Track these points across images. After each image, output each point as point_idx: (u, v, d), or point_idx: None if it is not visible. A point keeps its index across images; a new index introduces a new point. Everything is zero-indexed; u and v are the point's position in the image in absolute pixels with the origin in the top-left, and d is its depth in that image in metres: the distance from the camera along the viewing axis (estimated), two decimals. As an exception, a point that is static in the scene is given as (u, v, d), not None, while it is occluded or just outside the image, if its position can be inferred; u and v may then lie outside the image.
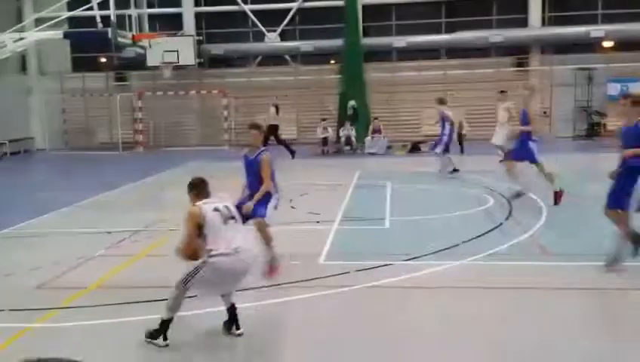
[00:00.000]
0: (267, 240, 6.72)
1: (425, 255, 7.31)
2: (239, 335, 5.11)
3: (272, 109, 19.30)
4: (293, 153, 18.47)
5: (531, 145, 10.26)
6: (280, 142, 18.97)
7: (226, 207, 5.10)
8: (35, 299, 6.20)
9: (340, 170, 15.95)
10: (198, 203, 5.02)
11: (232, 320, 5.15)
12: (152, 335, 4.97)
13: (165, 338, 4.95)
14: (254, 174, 6.86)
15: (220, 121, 24.26)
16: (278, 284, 6.37)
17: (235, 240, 4.95)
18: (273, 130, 18.48)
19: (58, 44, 23.01)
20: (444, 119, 14.28)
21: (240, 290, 5.77)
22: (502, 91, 15.52)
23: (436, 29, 24.58)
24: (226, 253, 4.87)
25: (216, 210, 4.98)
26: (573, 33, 23.17)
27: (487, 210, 10.01)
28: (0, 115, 21.64)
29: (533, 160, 10.35)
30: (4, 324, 5.55)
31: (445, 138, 14.11)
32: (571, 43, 23.61)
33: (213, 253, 4.88)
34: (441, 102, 14.65)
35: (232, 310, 5.15)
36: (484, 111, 22.95)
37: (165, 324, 4.95)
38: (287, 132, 21.94)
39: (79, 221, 10.24)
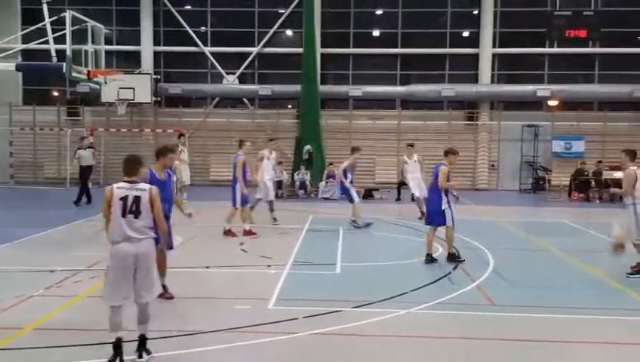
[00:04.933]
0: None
1: (374, 302, 7.31)
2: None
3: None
4: None
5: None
6: None
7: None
8: (-35, 340, 5.87)
9: (294, 214, 15.93)
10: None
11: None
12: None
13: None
14: None
15: (175, 159, 24.00)
16: (225, 329, 6.24)
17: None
18: None
19: (9, 75, 22.58)
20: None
21: (185, 334, 5.63)
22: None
23: (392, 81, 25.30)
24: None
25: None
26: (520, 91, 24.26)
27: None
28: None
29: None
30: None
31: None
32: (519, 100, 24.66)
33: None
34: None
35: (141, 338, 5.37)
36: (436, 162, 23.51)
37: (113, 347, 5.19)
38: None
39: (20, 258, 9.84)
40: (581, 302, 7.65)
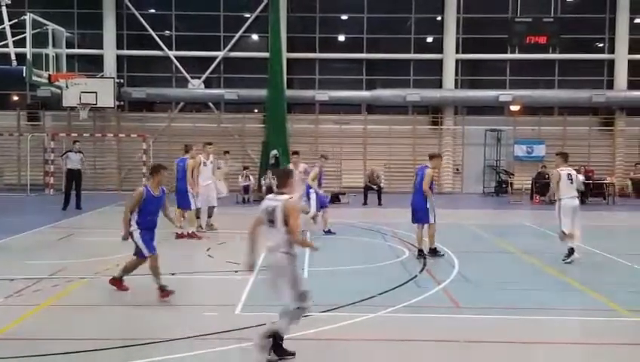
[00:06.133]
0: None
1: (342, 306, 7.34)
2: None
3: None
4: None
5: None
6: None
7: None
8: None
9: (260, 219, 15.83)
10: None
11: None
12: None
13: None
14: None
15: (139, 166, 23.70)
16: (193, 336, 6.18)
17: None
18: None
19: (-34, 78, 21.96)
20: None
21: (153, 342, 5.57)
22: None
23: (357, 85, 25.48)
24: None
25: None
26: (483, 96, 24.72)
27: (403, 262, 10.24)
28: None
29: None
30: None
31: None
32: (482, 105, 25.11)
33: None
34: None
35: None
36: (401, 166, 23.79)
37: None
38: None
39: (-22, 267, 9.56)
40: (544, 302, 7.82)
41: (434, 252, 10.51)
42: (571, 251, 10.16)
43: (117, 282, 7.88)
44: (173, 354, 5.66)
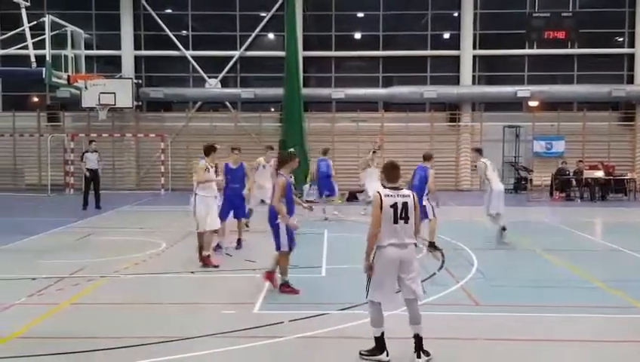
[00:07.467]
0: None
1: (360, 304, 7.31)
2: None
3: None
4: None
5: None
6: None
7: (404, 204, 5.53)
8: (-54, 351, 5.77)
9: (277, 218, 15.88)
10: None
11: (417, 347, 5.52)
12: (370, 352, 5.53)
13: (385, 353, 5.50)
14: None
15: (157, 165, 23.90)
16: (211, 334, 6.22)
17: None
18: None
19: (-12, 81, 22.32)
20: None
21: (171, 340, 5.60)
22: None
23: (374, 83, 25.39)
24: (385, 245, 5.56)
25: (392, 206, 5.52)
26: (501, 92, 24.48)
27: (420, 260, 10.17)
28: None
29: None
30: None
31: None
32: (500, 101, 24.88)
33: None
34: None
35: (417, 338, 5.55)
36: (419, 163, 23.63)
37: (378, 341, 5.54)
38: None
39: (1, 266, 9.71)
40: (564, 300, 7.74)
41: (432, 246, 10.84)
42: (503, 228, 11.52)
43: (285, 287, 7.86)
44: (192, 352, 5.70)
